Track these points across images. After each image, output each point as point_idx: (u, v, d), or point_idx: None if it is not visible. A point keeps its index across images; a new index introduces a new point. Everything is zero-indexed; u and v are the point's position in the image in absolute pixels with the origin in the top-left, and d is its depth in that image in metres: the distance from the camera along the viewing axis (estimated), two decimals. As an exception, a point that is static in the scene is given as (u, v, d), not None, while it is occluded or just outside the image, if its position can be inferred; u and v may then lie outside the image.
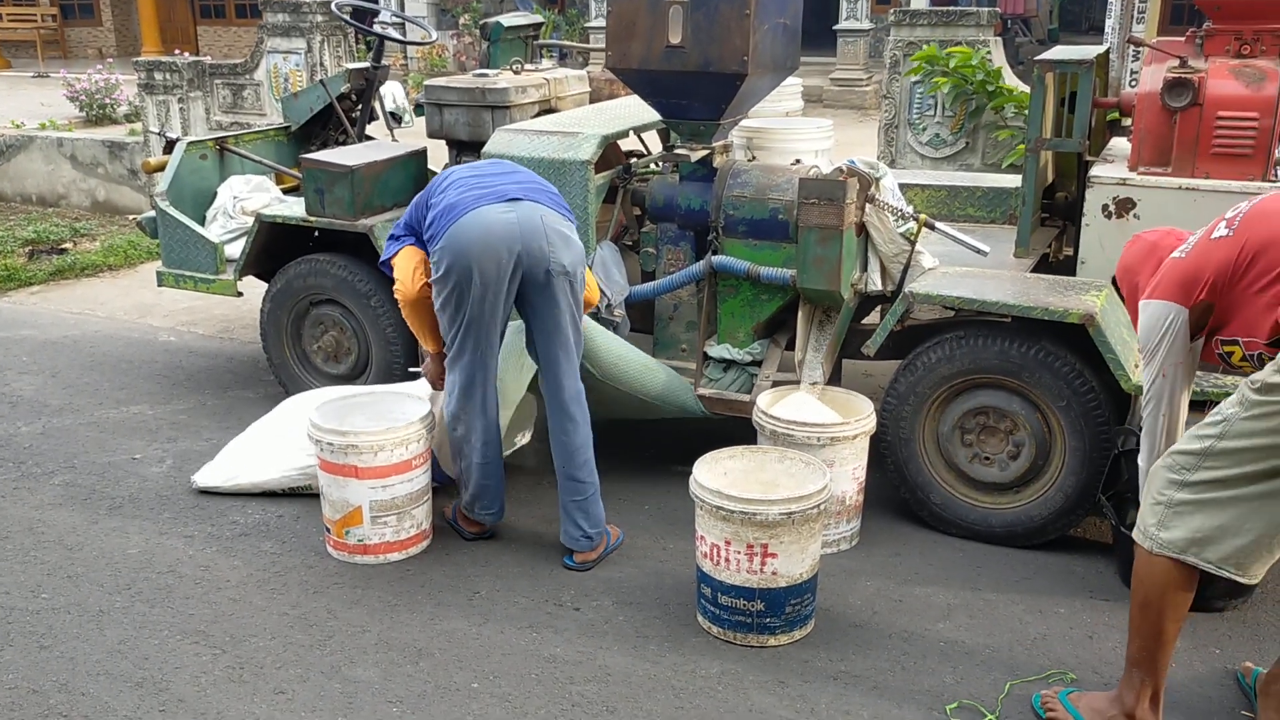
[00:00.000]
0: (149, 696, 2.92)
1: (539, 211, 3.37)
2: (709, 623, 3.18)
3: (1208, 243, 2.68)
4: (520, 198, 3.38)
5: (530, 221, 3.34)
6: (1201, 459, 2.47)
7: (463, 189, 3.42)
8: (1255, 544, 2.43)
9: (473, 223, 3.32)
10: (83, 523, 3.87)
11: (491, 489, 3.63)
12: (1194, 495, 2.47)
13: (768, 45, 3.90)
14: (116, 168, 9.08)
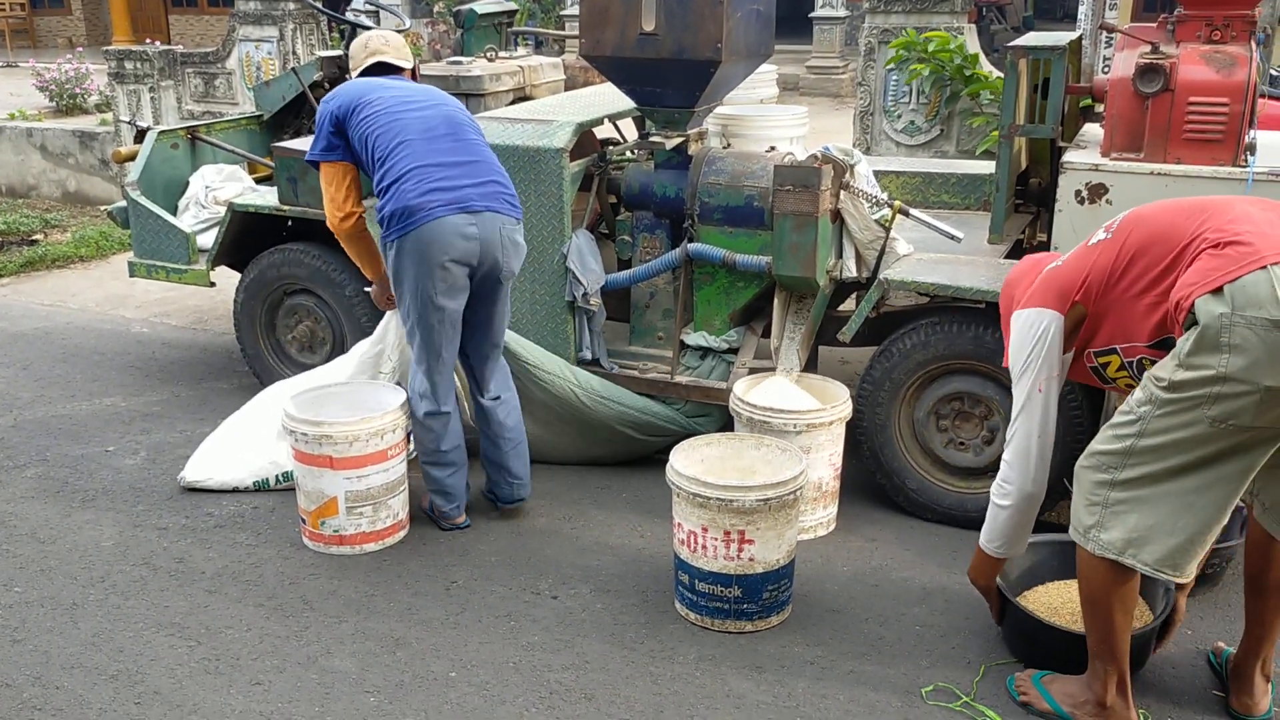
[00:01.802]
0: (124, 689, 2.90)
1: (498, 223, 3.41)
2: (686, 609, 3.19)
3: (1085, 249, 2.64)
4: (482, 209, 3.38)
5: (490, 236, 3.40)
6: (1125, 457, 2.47)
7: (417, 167, 3.36)
8: (1189, 543, 2.44)
9: (435, 235, 3.32)
10: (56, 515, 3.84)
11: (462, 484, 3.70)
12: (1128, 494, 2.47)
13: (741, 32, 3.90)
14: (87, 158, 8.99)
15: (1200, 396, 2.32)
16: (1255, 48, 3.56)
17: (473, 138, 3.51)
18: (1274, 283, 2.23)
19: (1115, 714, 2.65)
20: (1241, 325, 2.25)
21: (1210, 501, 2.41)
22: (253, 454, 4.00)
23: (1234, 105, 3.47)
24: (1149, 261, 2.49)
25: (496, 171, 3.49)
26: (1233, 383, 2.28)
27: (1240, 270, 2.26)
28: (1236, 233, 2.34)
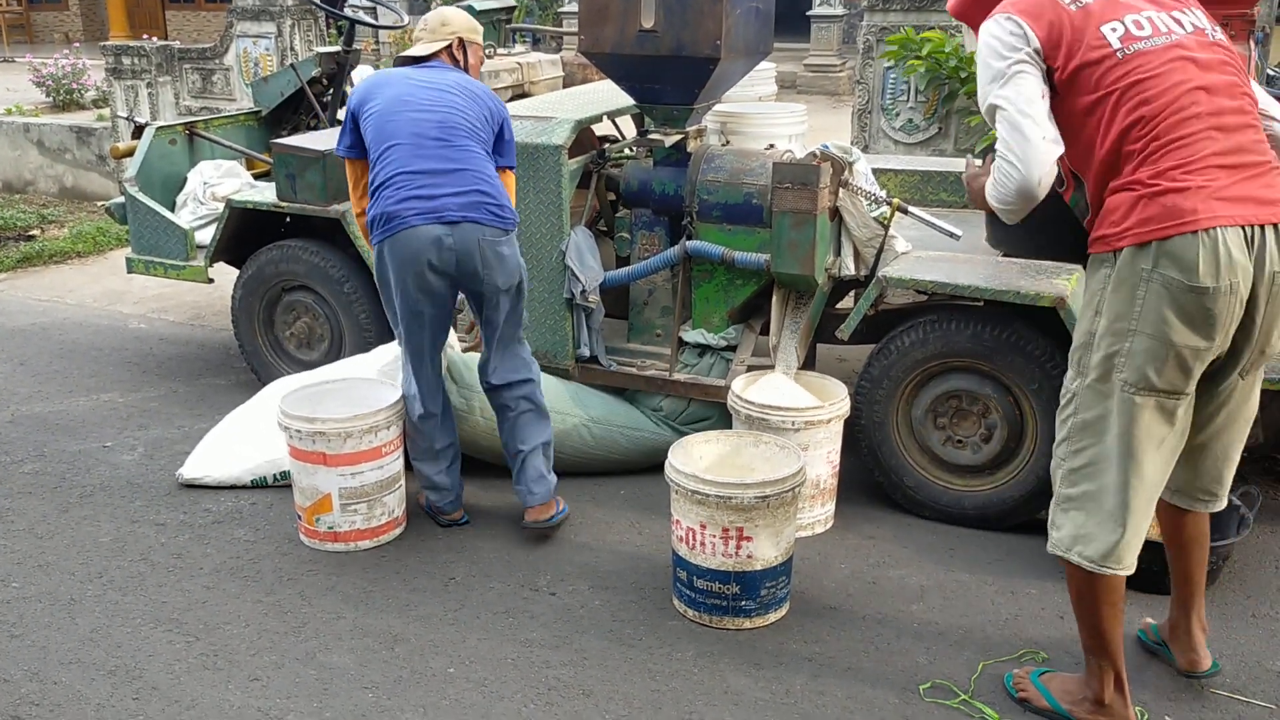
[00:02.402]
0: (122, 685, 2.90)
1: (477, 235, 3.33)
2: (685, 606, 3.19)
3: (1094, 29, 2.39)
4: (459, 219, 3.30)
5: (467, 247, 3.32)
6: (1070, 443, 2.51)
7: (400, 173, 3.31)
8: (1131, 537, 2.48)
9: (409, 243, 3.30)
10: (53, 511, 3.84)
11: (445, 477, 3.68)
12: (1074, 489, 2.52)
13: (741, 29, 3.90)
14: (84, 153, 8.98)
15: (1115, 354, 2.37)
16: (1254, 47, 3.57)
17: (464, 143, 3.37)
18: (1200, 249, 2.24)
19: (1113, 711, 2.64)
20: (1158, 283, 2.28)
21: (1139, 489, 2.44)
22: (252, 451, 4.00)
23: (1232, 104, 3.47)
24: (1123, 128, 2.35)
25: (482, 180, 3.37)
26: (1144, 339, 2.32)
27: (1172, 230, 2.26)
28: (1189, 169, 2.27)
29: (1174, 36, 2.36)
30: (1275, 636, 3.10)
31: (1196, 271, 2.24)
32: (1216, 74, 2.34)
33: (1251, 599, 3.28)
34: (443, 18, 3.61)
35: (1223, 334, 2.32)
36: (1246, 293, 2.30)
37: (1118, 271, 2.35)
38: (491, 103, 3.51)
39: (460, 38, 3.58)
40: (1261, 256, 2.29)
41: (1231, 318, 2.31)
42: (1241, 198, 2.27)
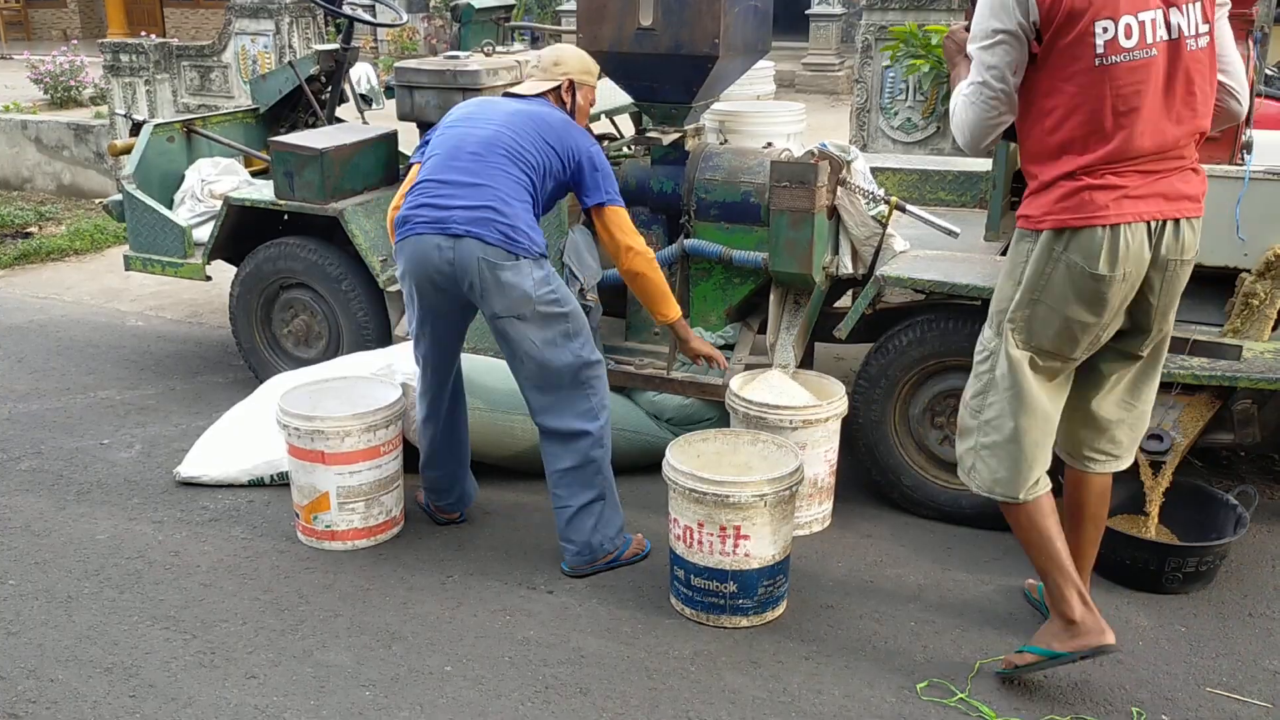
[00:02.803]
0: (119, 682, 2.90)
1: (478, 252, 3.12)
2: (682, 605, 3.19)
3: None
4: (463, 233, 3.13)
5: (465, 265, 3.14)
6: (983, 396, 2.79)
7: (425, 180, 3.26)
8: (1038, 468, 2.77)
9: (414, 250, 3.21)
10: (50, 508, 3.83)
11: (440, 480, 3.64)
12: (984, 438, 2.80)
13: (739, 28, 3.89)
14: (82, 150, 8.97)
15: (1025, 317, 2.67)
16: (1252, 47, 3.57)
17: (498, 161, 3.19)
18: (1105, 243, 2.53)
19: (1086, 626, 2.76)
20: (1064, 264, 2.58)
21: (1034, 434, 2.74)
22: (249, 451, 4.00)
23: (1231, 104, 3.47)
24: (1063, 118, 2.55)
25: (500, 199, 3.16)
26: (1044, 307, 2.64)
27: (1083, 222, 2.54)
28: (1112, 171, 2.52)
29: (1153, 52, 2.47)
30: (1272, 635, 3.11)
31: (1097, 260, 2.54)
32: (1175, 93, 2.51)
33: (1248, 598, 3.29)
34: (556, 56, 3.49)
35: (1111, 314, 2.62)
36: (1139, 280, 2.60)
37: (1037, 249, 2.63)
38: (567, 139, 3.29)
39: (571, 80, 3.44)
40: (1160, 246, 2.57)
41: (1121, 300, 2.61)
42: (1151, 195, 2.53)
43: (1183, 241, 2.59)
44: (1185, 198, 2.57)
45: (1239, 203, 3.42)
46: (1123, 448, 2.88)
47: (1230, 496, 3.43)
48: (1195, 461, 4.05)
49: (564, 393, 3.28)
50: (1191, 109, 2.53)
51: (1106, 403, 2.83)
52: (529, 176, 3.24)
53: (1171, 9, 2.47)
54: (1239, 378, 3.28)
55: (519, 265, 3.16)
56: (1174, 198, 2.55)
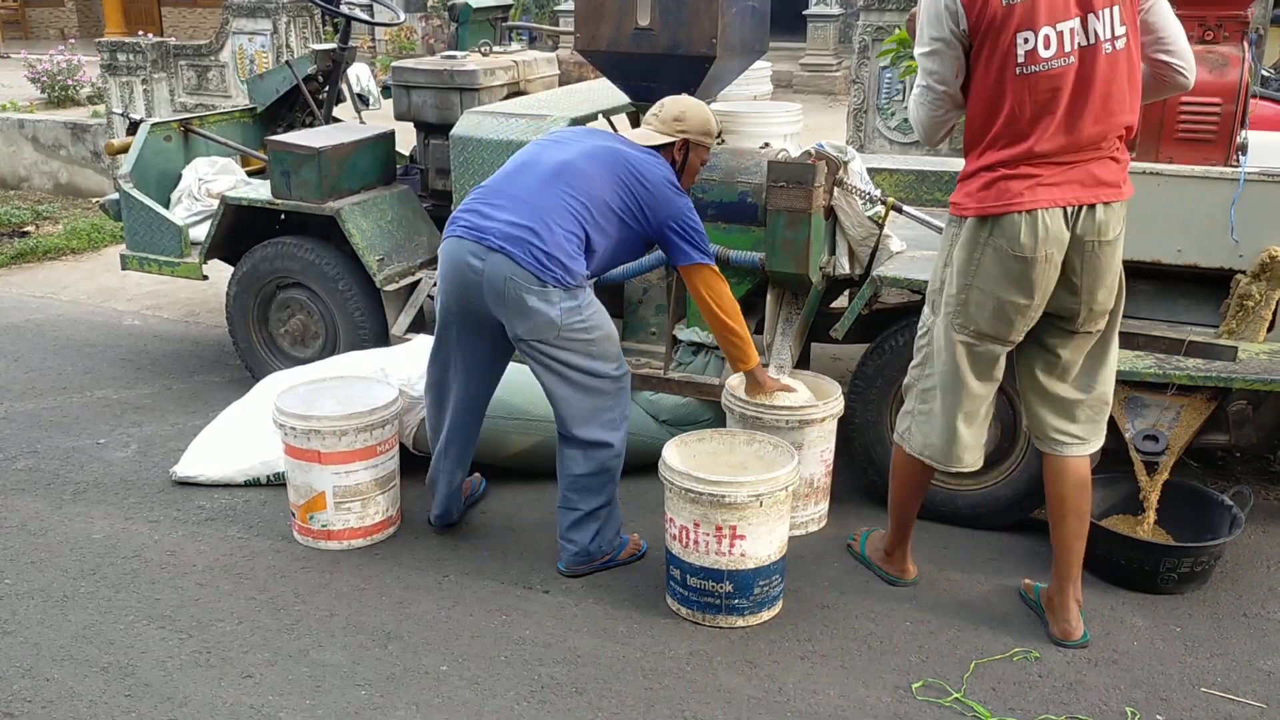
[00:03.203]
0: (114, 681, 2.90)
1: (507, 271, 3.06)
2: (678, 604, 3.20)
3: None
4: (497, 247, 3.07)
5: (494, 282, 3.08)
6: (924, 367, 3.05)
7: (484, 187, 3.23)
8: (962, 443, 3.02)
9: (447, 257, 3.18)
10: (46, 508, 3.83)
11: (438, 490, 3.58)
12: (924, 405, 3.06)
13: (736, 28, 3.90)
14: (79, 150, 8.96)
15: (961, 301, 2.88)
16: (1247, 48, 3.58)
17: (560, 188, 3.12)
18: (1022, 226, 2.73)
19: (894, 560, 3.35)
20: (991, 249, 2.79)
21: (964, 411, 2.99)
22: (246, 451, 3.99)
23: (1226, 105, 3.48)
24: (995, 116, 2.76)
25: (544, 224, 3.07)
26: (977, 290, 2.84)
27: (1004, 208, 2.75)
28: (1030, 162, 2.72)
29: (1070, 60, 2.67)
30: (1266, 636, 3.12)
31: (1019, 243, 2.75)
32: (1088, 96, 2.70)
33: (1243, 598, 3.29)
34: (679, 112, 3.37)
35: (1040, 294, 2.81)
36: (1061, 261, 2.78)
37: (964, 235, 2.85)
38: (659, 196, 3.20)
39: (688, 140, 3.36)
40: (1079, 230, 2.76)
41: (1048, 281, 2.79)
42: (1066, 182, 2.73)
43: (1099, 224, 2.76)
44: (1102, 184, 2.75)
45: (1234, 204, 3.43)
46: (1087, 430, 2.99)
47: (1225, 497, 3.44)
48: (1191, 462, 4.05)
49: (588, 407, 3.24)
50: (1108, 109, 2.71)
51: (1064, 383, 2.96)
52: (590, 210, 3.14)
53: (1089, 15, 2.66)
54: (1234, 379, 3.28)
55: (547, 292, 3.08)
56: (1090, 184, 2.74)
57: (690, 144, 3.38)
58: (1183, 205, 3.50)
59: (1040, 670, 2.95)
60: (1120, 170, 2.80)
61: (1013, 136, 2.73)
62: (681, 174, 3.38)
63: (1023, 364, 3.03)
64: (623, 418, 3.33)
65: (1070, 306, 2.86)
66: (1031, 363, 3.00)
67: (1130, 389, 3.43)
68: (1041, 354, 2.97)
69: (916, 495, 3.24)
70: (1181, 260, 3.55)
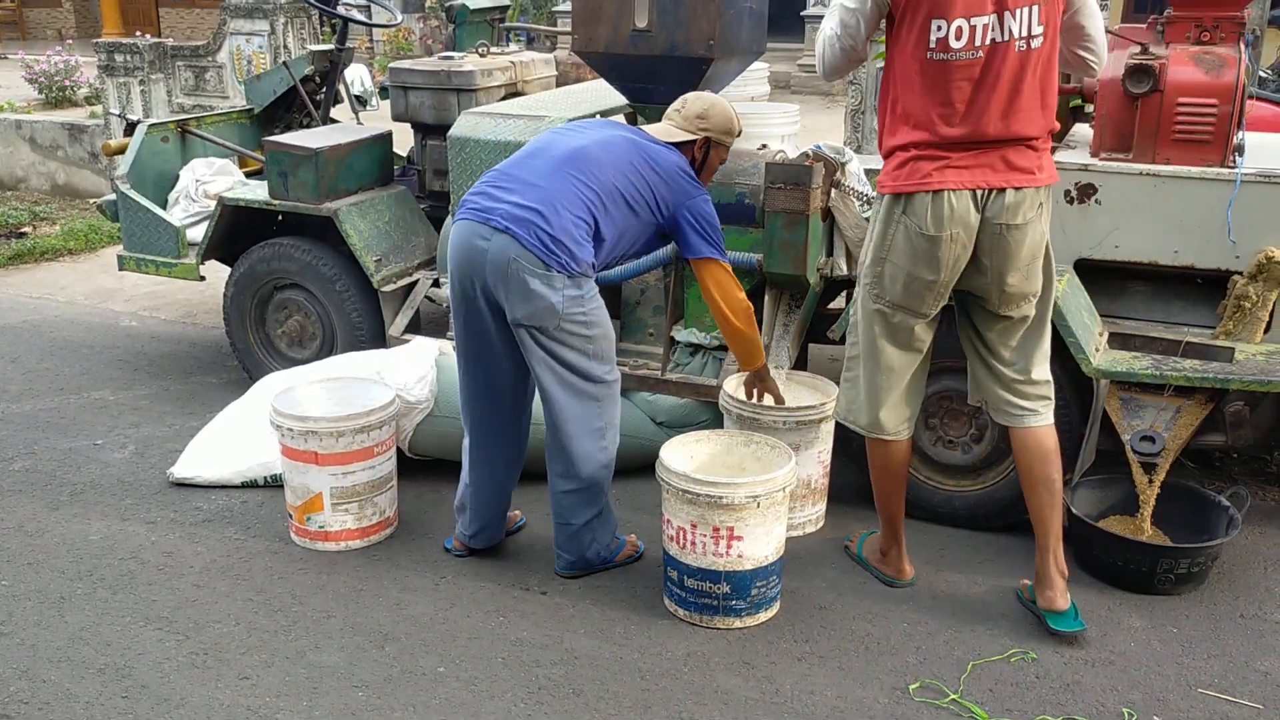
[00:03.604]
0: (111, 683, 2.89)
1: (512, 252, 3.01)
2: (675, 605, 3.20)
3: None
4: (503, 228, 3.02)
5: (498, 263, 3.03)
6: (852, 334, 3.19)
7: (495, 171, 3.19)
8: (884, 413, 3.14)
9: (455, 237, 3.13)
10: (43, 509, 3.83)
11: (471, 508, 3.44)
12: (850, 372, 3.20)
13: (734, 29, 3.90)
14: (76, 150, 8.96)
15: (876, 273, 3.03)
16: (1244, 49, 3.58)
17: (571, 173, 3.08)
18: (930, 206, 2.86)
19: (890, 559, 3.36)
20: (903, 226, 2.93)
21: (882, 379, 3.12)
22: (243, 453, 3.99)
23: (1223, 106, 3.48)
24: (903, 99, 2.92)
25: (552, 208, 3.03)
26: (890, 264, 2.99)
27: (916, 187, 2.88)
28: (939, 145, 2.84)
29: (979, 54, 2.78)
30: (1263, 637, 3.12)
31: (925, 222, 2.88)
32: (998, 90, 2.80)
33: (1239, 599, 3.29)
34: (702, 109, 3.31)
35: (947, 271, 2.93)
36: (970, 241, 2.90)
37: (883, 211, 3.00)
38: (673, 184, 3.17)
39: (709, 139, 3.32)
40: (987, 213, 2.87)
41: (955, 260, 2.92)
42: (977, 166, 2.85)
43: (1008, 207, 2.87)
44: (1015, 169, 2.86)
45: (1230, 205, 3.43)
46: (1033, 402, 3.09)
47: (1222, 498, 3.44)
48: (1188, 463, 4.05)
49: (578, 412, 3.19)
50: (1017, 106, 2.81)
51: (1000, 360, 3.09)
52: (600, 196, 3.09)
53: (1005, 14, 2.76)
54: (1231, 380, 3.29)
55: (550, 276, 3.03)
56: (1001, 169, 2.85)
57: (711, 142, 3.34)
58: (1179, 206, 3.50)
59: (1037, 671, 2.95)
60: (1037, 157, 2.88)
61: (921, 122, 2.86)
62: (701, 172, 3.35)
63: (964, 338, 3.17)
64: (610, 425, 3.27)
65: (983, 286, 2.98)
66: (970, 339, 3.15)
67: (1127, 390, 3.43)
68: (974, 332, 3.12)
69: (898, 485, 3.27)
70: (1178, 261, 3.56)
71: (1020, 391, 3.08)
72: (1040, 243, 2.97)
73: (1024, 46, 2.78)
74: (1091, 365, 3.35)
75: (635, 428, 4.04)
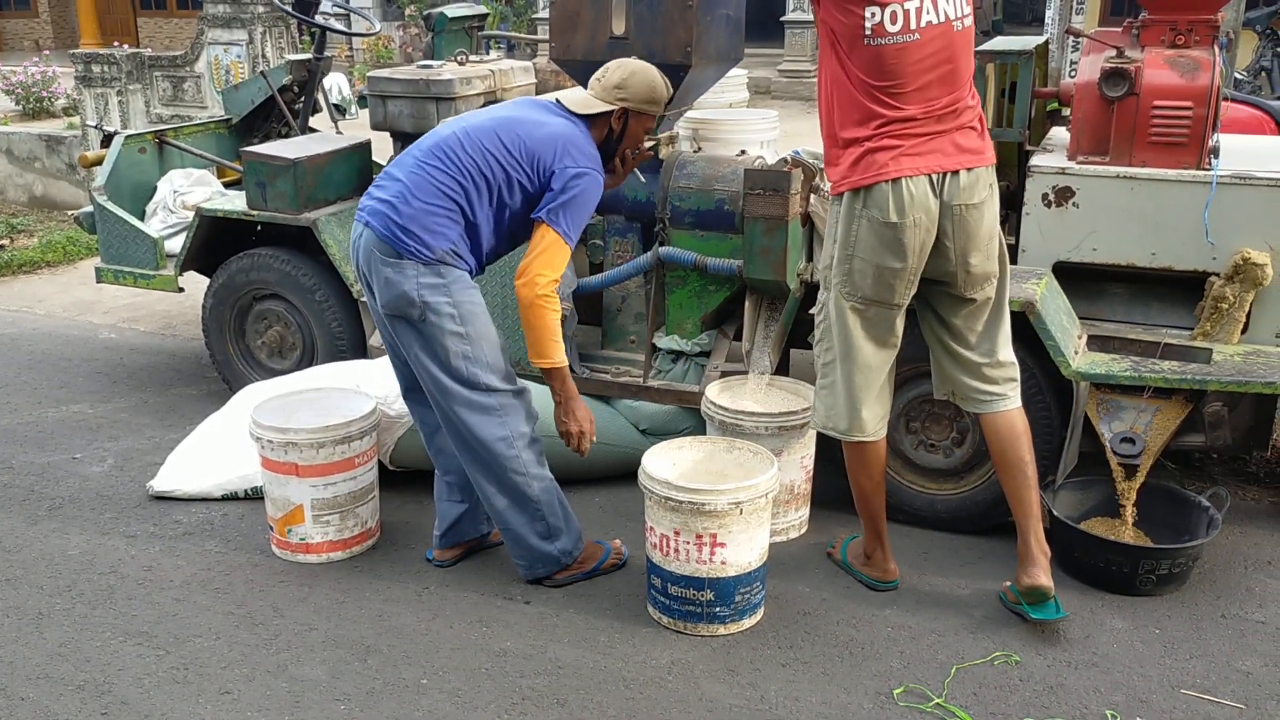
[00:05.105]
0: (91, 699, 2.87)
1: (371, 244, 3.10)
2: (659, 613, 3.19)
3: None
4: (364, 222, 3.13)
5: (365, 255, 3.14)
6: (821, 342, 3.18)
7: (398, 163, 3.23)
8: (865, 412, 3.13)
9: (351, 238, 3.26)
10: (21, 524, 3.80)
11: (437, 507, 3.50)
12: (824, 380, 3.20)
13: (711, 36, 3.91)
14: (54, 162, 8.90)
15: (845, 271, 3.03)
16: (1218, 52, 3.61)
17: (429, 163, 3.10)
18: (890, 195, 2.90)
19: (875, 562, 3.36)
20: (865, 219, 2.96)
21: (859, 378, 3.11)
22: (222, 465, 3.96)
23: (1198, 109, 3.51)
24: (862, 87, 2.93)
25: (403, 197, 3.08)
26: (858, 260, 3.01)
27: (873, 179, 2.92)
28: (889, 134, 2.89)
29: (916, 36, 2.84)
30: (1244, 637, 3.13)
31: (888, 211, 2.91)
32: (938, 69, 2.88)
33: (1221, 599, 3.31)
34: (621, 78, 3.20)
35: (915, 258, 2.97)
36: (933, 226, 2.94)
37: (843, 210, 3.02)
38: (542, 154, 3.10)
39: (627, 109, 3.22)
40: (945, 196, 2.93)
41: (920, 246, 2.96)
42: (929, 152, 2.90)
43: (964, 187, 2.93)
44: (964, 151, 2.94)
45: (1207, 207, 3.45)
46: (1001, 386, 3.14)
47: (1202, 498, 3.45)
48: (1168, 464, 4.07)
49: (450, 405, 3.16)
50: (956, 85, 2.91)
51: (966, 345, 3.13)
52: (460, 183, 3.08)
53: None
54: (1209, 381, 3.31)
55: (401, 264, 3.06)
56: (952, 152, 2.92)
57: (630, 112, 3.23)
58: (1156, 209, 3.53)
59: (1021, 674, 2.96)
60: (979, 138, 2.99)
61: (868, 111, 2.90)
62: (621, 142, 3.29)
63: (928, 332, 3.21)
64: (516, 435, 3.20)
65: (948, 270, 3.02)
66: (934, 330, 3.18)
67: (1107, 392, 3.45)
68: (939, 322, 3.16)
69: (877, 486, 3.28)
70: (1156, 263, 3.58)
71: (988, 376, 3.12)
72: (994, 222, 3.05)
73: (960, 26, 2.89)
74: (1070, 368, 3.36)
75: (618, 435, 4.03)
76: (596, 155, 3.18)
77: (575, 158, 3.12)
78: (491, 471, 3.23)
